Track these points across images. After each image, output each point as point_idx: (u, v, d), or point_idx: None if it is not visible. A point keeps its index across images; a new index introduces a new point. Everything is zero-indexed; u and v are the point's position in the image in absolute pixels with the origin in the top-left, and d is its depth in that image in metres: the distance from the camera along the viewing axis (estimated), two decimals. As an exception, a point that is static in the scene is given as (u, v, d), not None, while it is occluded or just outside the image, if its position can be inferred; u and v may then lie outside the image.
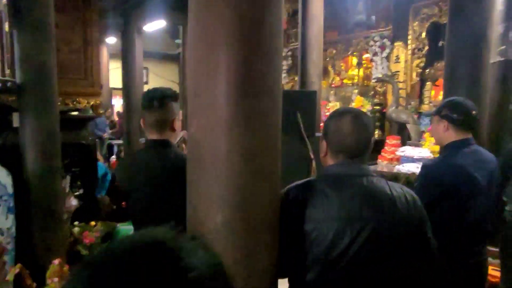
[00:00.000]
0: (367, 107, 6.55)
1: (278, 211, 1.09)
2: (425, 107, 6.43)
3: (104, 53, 10.27)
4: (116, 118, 11.01)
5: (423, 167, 1.96)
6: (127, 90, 8.76)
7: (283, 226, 1.14)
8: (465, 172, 1.80)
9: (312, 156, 3.50)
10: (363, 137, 1.16)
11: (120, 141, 9.11)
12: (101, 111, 3.31)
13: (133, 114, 8.85)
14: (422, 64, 6.42)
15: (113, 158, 8.32)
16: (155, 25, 8.20)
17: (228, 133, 0.94)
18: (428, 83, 6.46)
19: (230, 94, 0.94)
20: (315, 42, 4.86)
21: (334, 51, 7.82)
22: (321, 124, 7.07)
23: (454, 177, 1.80)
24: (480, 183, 1.79)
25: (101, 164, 4.96)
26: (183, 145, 1.93)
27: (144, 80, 12.46)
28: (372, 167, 5.68)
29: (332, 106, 7.50)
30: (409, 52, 6.49)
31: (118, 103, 11.62)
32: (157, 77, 12.43)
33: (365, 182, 1.14)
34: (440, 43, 5.79)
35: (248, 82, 0.94)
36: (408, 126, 6.00)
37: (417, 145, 5.63)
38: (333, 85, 7.78)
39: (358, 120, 1.17)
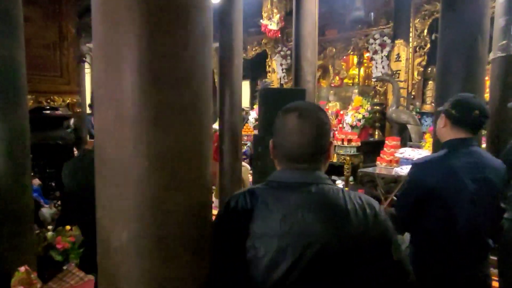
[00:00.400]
0: (366, 107, 6.34)
1: (206, 226, 0.90)
2: (427, 107, 6.20)
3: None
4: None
5: (412, 165, 1.78)
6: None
7: (219, 243, 0.96)
8: (451, 174, 1.60)
9: (300, 158, 3.30)
10: (310, 138, 0.97)
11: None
12: (78, 110, 3.16)
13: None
14: (424, 63, 6.19)
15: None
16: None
17: (133, 133, 0.77)
18: (430, 82, 6.23)
19: (135, 83, 0.76)
20: (309, 39, 4.67)
21: (334, 50, 7.61)
22: None
23: (439, 178, 1.61)
24: (468, 189, 1.59)
25: None
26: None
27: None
28: (370, 169, 5.49)
29: (331, 106, 7.30)
30: (411, 50, 6.26)
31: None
32: None
33: (314, 191, 0.95)
34: (434, 36, 5.56)
35: (158, 69, 0.77)
36: (409, 127, 5.77)
37: (418, 146, 5.40)
38: (333, 85, 7.57)
39: (305, 119, 0.97)
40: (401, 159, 5.03)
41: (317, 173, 0.99)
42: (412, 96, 6.33)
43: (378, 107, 6.56)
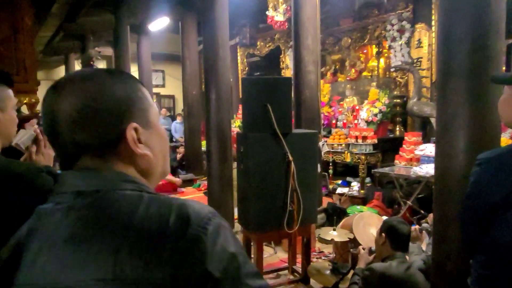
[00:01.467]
0: (383, 100, 5.71)
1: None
2: (454, 98, 5.48)
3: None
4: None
5: (477, 162, 1.29)
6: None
7: None
8: None
9: (290, 158, 2.83)
10: (70, 121, 0.57)
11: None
12: (37, 110, 2.87)
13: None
14: (449, 48, 5.48)
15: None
16: (161, 24, 7.80)
17: None
18: (457, 69, 5.50)
19: None
20: (309, 24, 4.17)
21: (350, 41, 7.02)
22: (323, 123, 6.32)
23: None
24: None
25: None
26: (32, 149, 1.38)
27: (161, 83, 12.31)
28: (387, 169, 4.89)
29: (348, 101, 6.71)
30: (433, 34, 5.57)
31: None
32: (176, 80, 12.15)
33: (87, 206, 0.55)
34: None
35: None
36: (433, 120, 5.09)
37: (442, 142, 4.73)
38: (348, 78, 6.97)
39: (61, 93, 0.59)
40: (422, 157, 4.41)
41: (103, 175, 0.56)
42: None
43: (398, 100, 5.91)
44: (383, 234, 2.15)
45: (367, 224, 3.16)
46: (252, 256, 2.97)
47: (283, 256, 3.67)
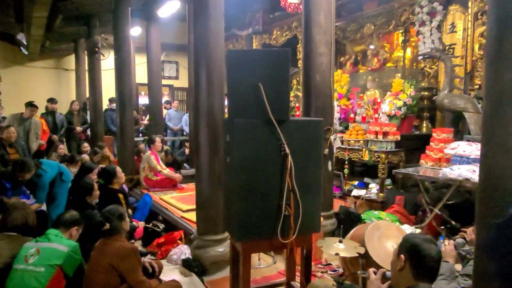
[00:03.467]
0: (409, 92, 5.02)
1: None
2: (493, 90, 4.73)
3: (130, 45, 9.75)
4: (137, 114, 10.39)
5: None
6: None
7: None
8: None
9: (286, 150, 2.26)
10: None
11: (141, 138, 8.46)
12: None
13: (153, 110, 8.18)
14: (488, 33, 4.73)
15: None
16: (171, 9, 7.32)
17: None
18: (497, 57, 4.75)
19: None
20: (322, -1, 3.57)
21: (373, 27, 6.32)
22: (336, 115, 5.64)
23: None
24: None
25: (53, 163, 4.16)
26: None
27: (174, 75, 11.89)
28: (410, 170, 4.22)
29: (370, 94, 6.03)
30: (470, 17, 4.84)
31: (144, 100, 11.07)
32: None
33: None
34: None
35: None
36: (467, 115, 4.39)
37: (478, 140, 4.02)
38: (370, 68, 6.29)
39: None
40: (453, 156, 3.73)
41: None
42: (473, 76, 4.90)
43: (426, 92, 5.21)
44: (403, 256, 1.55)
45: (384, 236, 2.55)
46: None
47: (284, 268, 3.11)
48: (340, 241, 2.37)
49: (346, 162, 5.09)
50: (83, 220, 2.64)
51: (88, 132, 8.12)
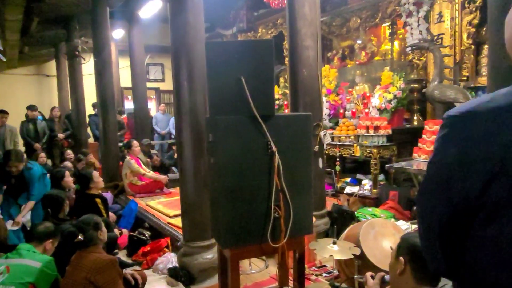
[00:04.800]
0: (398, 85, 4.91)
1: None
2: (483, 80, 4.67)
3: (113, 48, 9.52)
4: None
5: (445, 121, 0.80)
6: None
7: None
8: None
9: (273, 148, 2.11)
10: None
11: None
12: None
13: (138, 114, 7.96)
14: (476, 21, 4.66)
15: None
16: (152, 10, 7.11)
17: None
18: (486, 46, 4.67)
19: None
20: (306, -12, 3.43)
21: (359, 21, 6.22)
22: (325, 111, 5.50)
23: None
24: None
25: (36, 165, 3.94)
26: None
27: (160, 77, 11.66)
28: (403, 164, 4.10)
29: (358, 89, 5.92)
30: (457, 6, 4.76)
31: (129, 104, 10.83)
32: None
33: None
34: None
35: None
36: (458, 106, 4.28)
37: (471, 131, 3.92)
38: (358, 62, 6.18)
39: None
40: (447, 148, 3.61)
41: None
42: (462, 67, 4.82)
43: (416, 85, 5.11)
44: (402, 258, 1.41)
45: (379, 234, 2.41)
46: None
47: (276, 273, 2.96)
48: (334, 243, 2.23)
49: (338, 159, 4.96)
50: (58, 231, 2.45)
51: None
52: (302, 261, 2.33)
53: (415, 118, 5.15)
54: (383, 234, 2.40)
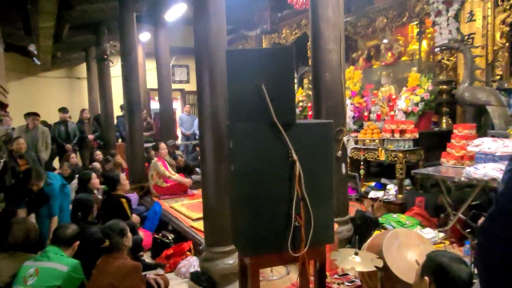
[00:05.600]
0: (426, 87, 4.76)
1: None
2: (518, 81, 4.45)
3: (140, 51, 9.74)
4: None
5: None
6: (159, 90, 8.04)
7: None
8: None
9: (294, 156, 2.09)
10: None
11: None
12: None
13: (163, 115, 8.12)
14: (510, 20, 4.45)
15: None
16: (178, 13, 7.22)
17: None
18: (521, 46, 4.46)
19: None
20: (329, -9, 3.38)
21: (385, 20, 6.07)
22: (349, 114, 5.37)
23: None
24: None
25: (55, 174, 4.10)
26: None
27: (185, 78, 11.83)
28: (430, 170, 3.96)
29: (384, 91, 5.78)
30: (490, 4, 4.56)
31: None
32: None
33: None
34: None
35: None
36: (490, 109, 4.12)
37: (504, 135, 3.75)
38: (384, 63, 6.03)
39: None
40: (477, 154, 3.47)
41: None
42: (494, 67, 4.61)
43: (445, 86, 4.93)
44: (427, 278, 1.36)
45: (403, 245, 2.34)
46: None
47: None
48: (356, 253, 2.18)
49: (362, 163, 4.86)
50: (83, 233, 2.54)
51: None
52: (323, 270, 2.30)
53: (444, 121, 4.97)
54: (408, 245, 2.33)
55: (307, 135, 2.16)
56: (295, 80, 8.57)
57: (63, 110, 7.36)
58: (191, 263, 3.11)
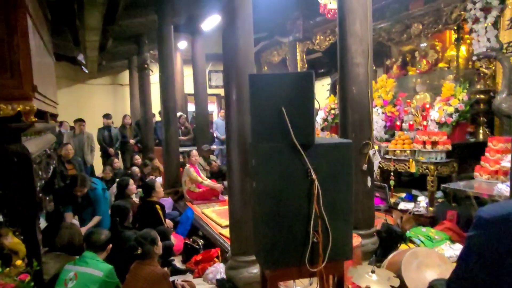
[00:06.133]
0: (460, 96, 4.62)
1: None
2: (562, 92, 4.21)
3: (178, 58, 10.15)
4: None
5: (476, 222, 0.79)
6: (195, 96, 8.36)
7: None
8: None
9: (313, 175, 2.18)
10: None
11: (194, 147, 8.73)
12: (33, 119, 2.61)
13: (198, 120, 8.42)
14: (554, 27, 4.22)
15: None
16: (213, 23, 7.50)
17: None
18: None
19: None
20: (357, 5, 3.42)
21: (421, 27, 5.93)
22: (381, 123, 5.30)
23: None
24: None
25: (97, 180, 4.41)
26: None
27: (221, 84, 12.12)
28: (461, 184, 3.87)
29: (419, 99, 5.67)
30: (532, 10, 4.35)
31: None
32: None
33: None
34: None
35: None
36: (530, 121, 3.94)
37: (543, 150, 3.59)
38: (419, 71, 5.90)
39: None
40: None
41: None
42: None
43: (482, 96, 4.76)
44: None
45: (423, 265, 2.36)
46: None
47: (319, 291, 3.00)
48: (373, 271, 2.23)
49: (392, 173, 4.81)
50: (115, 236, 2.76)
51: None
52: (341, 285, 2.36)
53: (481, 131, 4.80)
54: (427, 264, 2.34)
55: (326, 155, 2.24)
56: (329, 87, 8.57)
57: (106, 116, 7.85)
58: (218, 270, 3.27)
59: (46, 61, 3.86)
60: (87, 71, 9.84)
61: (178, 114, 9.91)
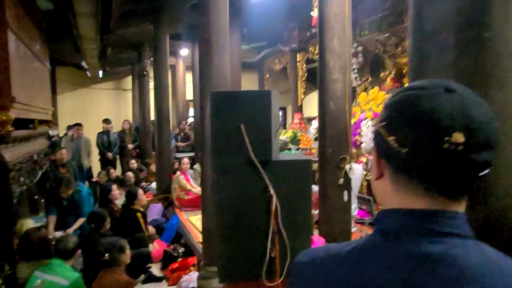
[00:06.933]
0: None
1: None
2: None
3: (180, 65, 10.30)
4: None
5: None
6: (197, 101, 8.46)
7: None
8: None
9: (272, 192, 2.23)
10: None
11: (192, 154, 8.82)
12: (10, 128, 2.71)
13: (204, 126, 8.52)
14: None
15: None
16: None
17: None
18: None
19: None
20: (335, 22, 3.46)
21: (415, 40, 5.93)
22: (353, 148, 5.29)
23: None
24: None
25: (84, 187, 4.52)
26: None
27: (223, 90, 12.22)
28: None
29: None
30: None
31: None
32: (251, 87, 11.96)
33: None
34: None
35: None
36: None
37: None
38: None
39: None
40: None
41: None
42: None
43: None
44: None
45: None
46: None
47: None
48: None
49: (377, 187, 4.79)
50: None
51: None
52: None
53: None
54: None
55: (285, 172, 2.28)
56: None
57: (106, 121, 8.01)
58: (192, 279, 3.33)
59: (35, 69, 3.99)
60: (90, 75, 10.06)
61: (188, 120, 10.04)
